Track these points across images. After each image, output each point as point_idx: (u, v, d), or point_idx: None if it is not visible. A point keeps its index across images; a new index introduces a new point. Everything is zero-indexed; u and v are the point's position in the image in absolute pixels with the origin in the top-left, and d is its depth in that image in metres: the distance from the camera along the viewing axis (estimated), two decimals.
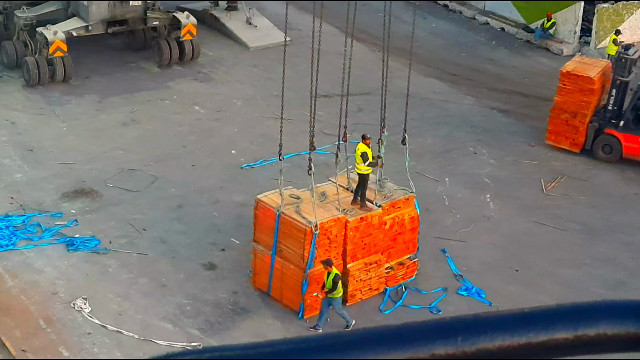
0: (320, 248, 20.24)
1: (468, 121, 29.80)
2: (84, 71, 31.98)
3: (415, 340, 1.93)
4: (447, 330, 1.96)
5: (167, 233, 23.36)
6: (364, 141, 21.28)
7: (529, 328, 1.98)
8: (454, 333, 1.95)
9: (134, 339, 19.65)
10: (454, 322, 1.99)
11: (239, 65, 33.61)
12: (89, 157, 26.70)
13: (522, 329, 1.98)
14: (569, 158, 28.05)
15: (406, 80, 22.28)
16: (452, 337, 1.94)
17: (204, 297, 21.10)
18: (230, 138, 28.25)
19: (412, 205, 21.90)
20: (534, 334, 1.97)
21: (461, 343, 1.94)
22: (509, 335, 1.97)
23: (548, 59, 35.96)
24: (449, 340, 1.94)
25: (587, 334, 1.98)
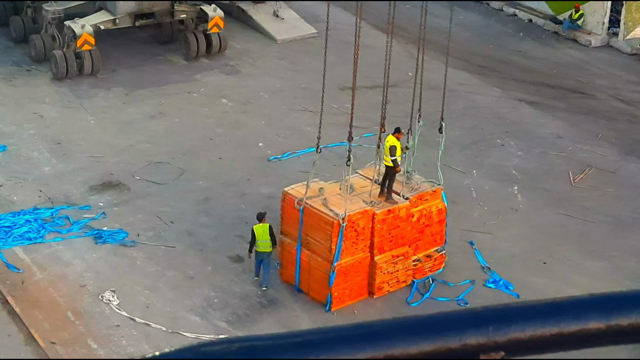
0: (347, 240, 20.23)
1: (495, 113, 29.67)
2: (111, 64, 32.10)
3: (446, 330, 1.92)
4: (479, 320, 1.95)
5: (194, 226, 23.43)
6: (395, 134, 21.25)
7: (561, 318, 1.96)
8: (486, 323, 1.94)
9: (162, 331, 19.74)
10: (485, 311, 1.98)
11: (266, 58, 33.62)
12: (117, 150, 26.81)
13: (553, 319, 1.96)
14: (597, 149, 27.87)
15: (434, 72, 22.24)
16: (484, 326, 1.93)
17: (231, 290, 21.15)
18: (257, 130, 28.28)
19: (440, 198, 21.84)
20: (566, 324, 1.96)
21: (492, 333, 1.93)
22: (540, 325, 1.96)
23: (576, 50, 35.71)
24: (480, 330, 1.93)
25: (619, 324, 1.96)
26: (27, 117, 28.63)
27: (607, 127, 29.54)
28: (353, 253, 20.44)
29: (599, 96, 31.89)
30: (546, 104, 30.74)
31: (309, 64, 32.10)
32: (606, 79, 33.29)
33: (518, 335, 1.94)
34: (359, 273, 20.68)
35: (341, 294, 20.50)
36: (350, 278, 20.54)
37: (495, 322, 1.94)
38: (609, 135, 28.93)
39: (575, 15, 36.42)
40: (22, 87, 30.56)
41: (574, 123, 29.63)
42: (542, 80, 32.76)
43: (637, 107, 31.17)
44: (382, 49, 23.77)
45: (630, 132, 29.39)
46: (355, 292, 20.76)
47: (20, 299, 20.68)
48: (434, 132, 23.12)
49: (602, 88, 32.48)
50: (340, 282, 20.36)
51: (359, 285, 20.77)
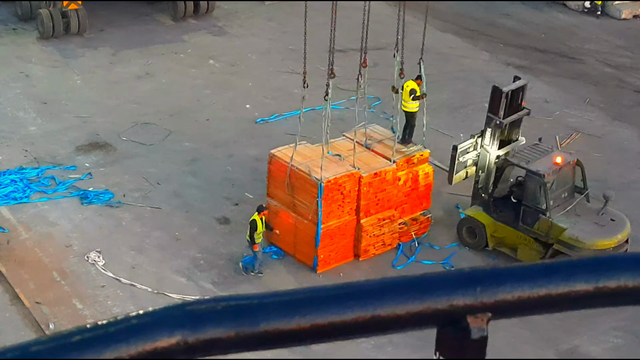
0: (334, 203, 20.25)
1: (484, 76, 29.61)
2: (98, 24, 31.87)
3: (433, 290, 1.91)
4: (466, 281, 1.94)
5: (181, 187, 23.40)
6: (416, 80, 21.51)
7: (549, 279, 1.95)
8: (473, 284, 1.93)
9: (148, 292, 19.77)
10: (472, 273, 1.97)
11: (255, 19, 33.43)
12: (103, 110, 26.69)
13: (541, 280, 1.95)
14: (584, 114, 27.89)
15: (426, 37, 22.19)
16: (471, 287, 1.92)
17: (217, 251, 21.18)
18: (245, 92, 28.18)
19: (426, 161, 21.86)
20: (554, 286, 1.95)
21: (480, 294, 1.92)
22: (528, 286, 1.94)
23: (565, 14, 35.62)
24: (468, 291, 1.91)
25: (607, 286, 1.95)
26: (13, 76, 28.45)
27: (595, 92, 29.55)
28: (339, 216, 20.47)
29: (587, 61, 31.86)
30: (534, 68, 30.70)
31: (298, 25, 31.79)
32: (595, 43, 33.25)
33: (505, 296, 1.93)
34: (345, 236, 20.72)
35: (327, 257, 20.56)
36: (336, 240, 20.58)
37: (483, 283, 1.93)
38: (597, 100, 28.95)
39: None
40: (8, 46, 30.33)
41: (562, 87, 29.63)
42: (531, 44, 32.70)
43: (625, 72, 31.17)
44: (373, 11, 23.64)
45: (618, 97, 29.41)
46: (341, 254, 20.82)
47: (6, 258, 20.66)
48: None
49: (590, 53, 32.45)
50: (327, 244, 20.41)
51: (345, 247, 20.83)
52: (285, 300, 1.87)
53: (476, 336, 1.89)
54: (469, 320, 1.90)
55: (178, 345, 1.78)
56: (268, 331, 1.82)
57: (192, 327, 1.79)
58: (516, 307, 1.94)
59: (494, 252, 21.47)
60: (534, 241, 20.78)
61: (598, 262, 2.00)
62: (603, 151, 25.90)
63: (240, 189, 23.31)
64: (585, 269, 1.97)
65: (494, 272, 1.98)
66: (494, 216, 21.25)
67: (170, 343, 1.77)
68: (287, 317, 1.84)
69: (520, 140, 21.88)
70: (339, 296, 1.89)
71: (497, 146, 21.31)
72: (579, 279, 1.95)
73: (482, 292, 1.92)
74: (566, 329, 19.17)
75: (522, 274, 1.98)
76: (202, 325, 1.80)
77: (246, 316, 1.83)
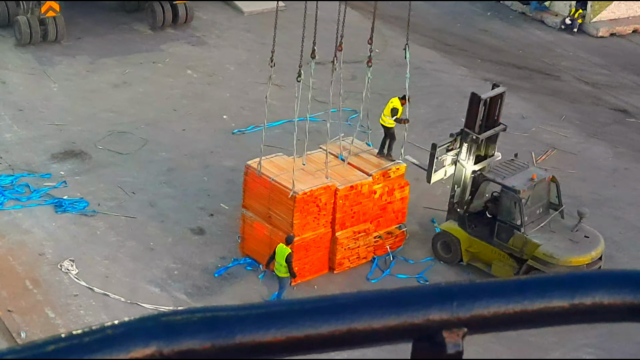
0: (309, 215, 20.25)
1: (461, 92, 29.70)
2: (76, 32, 31.76)
3: (410, 304, 1.91)
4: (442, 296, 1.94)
5: (156, 197, 23.33)
6: (401, 100, 21.51)
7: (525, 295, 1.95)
8: (450, 298, 1.93)
9: (121, 302, 19.67)
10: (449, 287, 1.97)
11: (233, 30, 33.43)
12: (80, 119, 26.58)
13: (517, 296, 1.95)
14: (560, 131, 28.06)
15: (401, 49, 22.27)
16: (447, 302, 1.92)
17: (191, 262, 21.11)
18: (222, 103, 28.16)
19: (402, 175, 21.90)
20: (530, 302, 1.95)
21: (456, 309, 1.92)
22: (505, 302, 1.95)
23: (542, 31, 35.86)
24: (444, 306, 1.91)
25: (583, 303, 1.96)
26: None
27: (571, 109, 29.75)
28: (314, 228, 20.47)
29: (564, 78, 32.08)
30: (511, 84, 30.83)
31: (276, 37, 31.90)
32: (572, 60, 33.48)
33: (481, 311, 1.93)
34: (320, 248, 20.72)
35: (302, 269, 20.53)
36: (311, 253, 20.57)
37: (459, 298, 1.93)
38: (573, 117, 29.14)
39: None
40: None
41: (539, 104, 29.80)
42: (508, 60, 32.88)
43: (601, 89, 31.40)
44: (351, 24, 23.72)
45: (594, 114, 29.62)
46: (315, 267, 20.81)
47: None
48: None
49: (567, 70, 32.67)
50: (301, 257, 20.38)
51: (319, 260, 20.82)
52: (262, 312, 1.87)
53: (452, 351, 1.89)
54: (444, 335, 1.90)
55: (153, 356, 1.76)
56: (244, 343, 1.81)
57: (167, 338, 1.78)
58: (492, 323, 1.94)
59: (468, 267, 21.53)
60: (508, 257, 20.85)
61: (574, 279, 2.01)
62: (578, 168, 26.05)
63: (216, 200, 23.27)
64: (561, 285, 1.98)
65: (471, 287, 1.99)
66: (469, 231, 21.31)
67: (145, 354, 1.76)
68: (263, 330, 1.83)
69: (496, 156, 21.97)
70: (316, 309, 1.89)
71: (473, 161, 21.38)
72: (554, 295, 1.95)
73: (458, 307, 1.92)
74: (539, 345, 19.23)
75: (498, 290, 1.98)
76: (177, 337, 1.79)
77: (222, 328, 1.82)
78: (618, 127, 28.94)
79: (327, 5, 23.11)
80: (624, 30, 36.10)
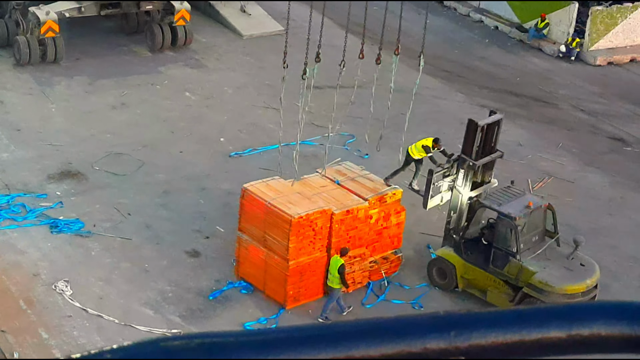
0: (305, 239, 20.23)
1: (458, 118, 29.74)
2: (75, 53, 31.83)
3: (408, 334, 1.91)
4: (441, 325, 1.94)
5: (152, 219, 23.30)
6: (435, 144, 21.67)
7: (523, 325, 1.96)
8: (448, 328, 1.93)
9: (114, 324, 19.59)
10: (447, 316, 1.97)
11: (232, 53, 33.52)
12: (77, 139, 26.59)
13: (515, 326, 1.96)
14: (557, 159, 28.10)
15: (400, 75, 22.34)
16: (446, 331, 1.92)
17: (186, 285, 21.05)
18: (219, 126, 28.19)
19: (399, 200, 21.91)
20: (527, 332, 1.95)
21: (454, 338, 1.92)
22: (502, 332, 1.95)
23: (540, 59, 35.99)
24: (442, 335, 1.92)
25: (580, 334, 1.96)
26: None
27: (568, 137, 29.80)
28: (310, 252, 20.44)
29: (561, 106, 32.16)
30: (509, 111, 30.88)
31: (274, 61, 31.98)
32: (569, 89, 33.59)
33: (479, 341, 1.93)
34: (315, 273, 20.68)
35: (296, 293, 20.49)
36: (306, 277, 20.53)
37: (457, 327, 1.93)
38: (570, 145, 29.19)
39: (541, 25, 36.70)
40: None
41: (536, 132, 29.86)
42: (506, 88, 32.98)
43: (598, 118, 31.48)
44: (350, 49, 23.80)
45: (591, 143, 29.67)
46: (310, 291, 20.76)
47: None
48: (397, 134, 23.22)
49: (564, 98, 32.76)
50: (296, 281, 20.35)
51: (314, 284, 20.77)
52: (260, 339, 1.87)
53: None
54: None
55: None
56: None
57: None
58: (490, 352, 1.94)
59: (463, 293, 21.49)
60: (503, 284, 20.82)
61: (571, 310, 2.01)
62: (574, 196, 26.07)
63: (212, 223, 23.24)
64: (559, 316, 1.98)
65: (469, 317, 1.99)
66: (465, 257, 21.29)
67: None
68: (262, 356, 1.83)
69: (493, 183, 21.99)
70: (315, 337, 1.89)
71: (470, 188, 21.39)
72: (552, 326, 1.96)
73: (456, 337, 1.92)
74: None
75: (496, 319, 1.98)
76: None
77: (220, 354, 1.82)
78: (615, 156, 28.99)
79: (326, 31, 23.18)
80: (621, 59, 36.25)
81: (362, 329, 1.92)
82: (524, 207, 20.60)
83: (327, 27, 24.15)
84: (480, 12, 39.35)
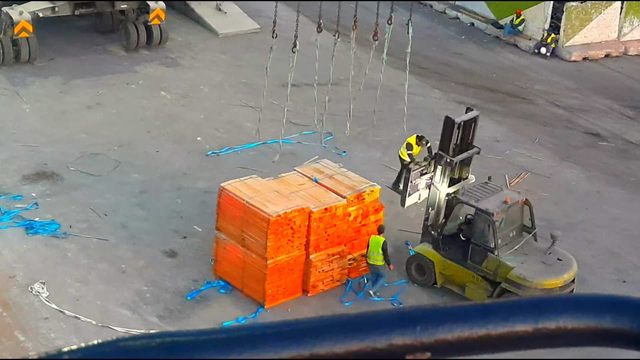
0: (283, 237, 20.21)
1: (435, 114, 29.81)
2: (49, 52, 31.66)
3: (373, 329, 1.88)
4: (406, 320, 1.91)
5: (128, 219, 23.19)
6: (418, 140, 21.69)
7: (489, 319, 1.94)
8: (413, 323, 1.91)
9: (92, 325, 19.49)
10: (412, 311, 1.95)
11: (207, 52, 33.43)
12: (52, 140, 26.44)
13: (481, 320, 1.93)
14: (533, 154, 28.20)
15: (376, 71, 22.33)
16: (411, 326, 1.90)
17: (164, 285, 20.97)
18: (196, 124, 28.10)
19: (377, 197, 21.92)
20: (493, 326, 1.93)
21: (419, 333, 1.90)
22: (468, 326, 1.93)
23: (516, 55, 36.11)
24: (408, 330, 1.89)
25: (547, 327, 1.94)
26: None
27: (544, 132, 29.92)
28: (288, 251, 20.41)
29: (537, 101, 32.28)
30: (485, 107, 30.99)
31: (250, 59, 32.01)
32: (545, 84, 33.71)
33: (445, 336, 1.91)
34: (294, 271, 20.65)
35: (275, 292, 20.46)
36: (285, 276, 20.51)
37: (423, 322, 1.91)
38: (546, 141, 29.30)
39: (517, 21, 36.82)
40: None
41: (512, 127, 29.96)
42: (482, 84, 33.06)
43: (573, 113, 31.62)
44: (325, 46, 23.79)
45: (566, 137, 29.80)
46: (289, 289, 20.74)
47: None
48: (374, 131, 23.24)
49: (540, 93, 32.89)
50: (275, 279, 20.32)
51: (293, 283, 20.75)
52: (222, 337, 1.83)
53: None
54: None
55: None
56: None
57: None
58: (456, 347, 1.92)
59: (442, 289, 21.53)
60: (482, 279, 20.87)
61: (537, 303, 1.99)
62: (551, 191, 26.17)
63: (189, 222, 23.17)
64: (525, 310, 1.96)
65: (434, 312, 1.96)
66: (443, 254, 21.33)
67: None
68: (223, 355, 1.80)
69: (470, 179, 22.04)
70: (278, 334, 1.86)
71: (447, 184, 21.44)
72: (518, 319, 1.94)
73: (421, 332, 1.90)
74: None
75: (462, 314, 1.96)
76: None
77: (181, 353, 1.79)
78: (590, 150, 29.13)
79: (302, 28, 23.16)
80: (596, 54, 36.43)
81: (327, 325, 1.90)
82: (501, 203, 20.66)
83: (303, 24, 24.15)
84: (456, 9, 39.43)
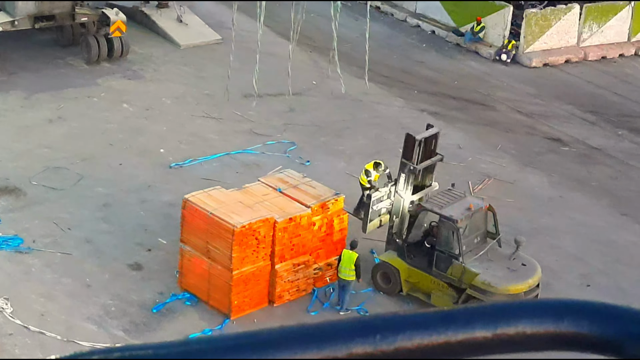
0: (248, 248, 20.17)
1: (398, 123, 29.95)
2: (10, 67, 31.41)
3: (333, 339, 1.88)
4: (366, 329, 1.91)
5: (92, 233, 23.04)
6: (375, 166, 22.25)
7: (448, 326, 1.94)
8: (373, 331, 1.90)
9: (57, 340, 19.33)
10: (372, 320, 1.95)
11: (169, 64, 33.32)
12: (14, 155, 26.22)
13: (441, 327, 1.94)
14: (496, 160, 28.37)
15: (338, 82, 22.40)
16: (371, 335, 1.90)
17: (129, 298, 20.85)
18: (159, 137, 27.99)
19: (341, 206, 21.94)
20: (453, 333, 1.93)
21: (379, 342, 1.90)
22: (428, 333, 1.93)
23: (477, 62, 36.33)
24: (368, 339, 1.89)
25: (506, 333, 1.95)
26: None
27: (506, 138, 30.11)
28: (254, 261, 20.37)
29: (499, 108, 32.49)
30: (447, 114, 31.18)
31: (213, 70, 31.93)
32: (506, 91, 33.95)
33: (405, 344, 1.91)
34: (260, 281, 20.62)
35: (241, 303, 20.41)
36: (250, 286, 20.46)
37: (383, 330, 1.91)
38: (508, 147, 29.49)
39: (477, 28, 37.05)
40: None
41: (475, 134, 30.12)
42: (444, 91, 33.22)
43: (535, 119, 31.86)
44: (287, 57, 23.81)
45: (529, 143, 30.01)
46: (255, 300, 20.69)
47: None
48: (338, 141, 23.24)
49: (502, 100, 33.11)
50: (241, 290, 20.27)
51: (259, 293, 20.71)
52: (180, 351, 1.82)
53: None
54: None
55: None
56: None
57: None
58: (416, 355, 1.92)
59: (408, 297, 21.58)
60: (447, 286, 20.95)
61: (497, 309, 2.00)
62: (514, 197, 26.33)
63: (153, 235, 23.06)
64: (484, 316, 1.97)
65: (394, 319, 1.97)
66: (408, 261, 21.39)
67: None
68: None
69: (434, 186, 22.14)
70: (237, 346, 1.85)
71: (411, 192, 21.51)
72: (477, 326, 1.94)
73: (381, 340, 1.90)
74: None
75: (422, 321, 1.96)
76: None
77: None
78: (552, 156, 29.36)
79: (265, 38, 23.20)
80: (556, 60, 36.75)
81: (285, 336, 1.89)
82: (465, 210, 20.76)
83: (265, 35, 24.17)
84: (417, 17, 39.61)
